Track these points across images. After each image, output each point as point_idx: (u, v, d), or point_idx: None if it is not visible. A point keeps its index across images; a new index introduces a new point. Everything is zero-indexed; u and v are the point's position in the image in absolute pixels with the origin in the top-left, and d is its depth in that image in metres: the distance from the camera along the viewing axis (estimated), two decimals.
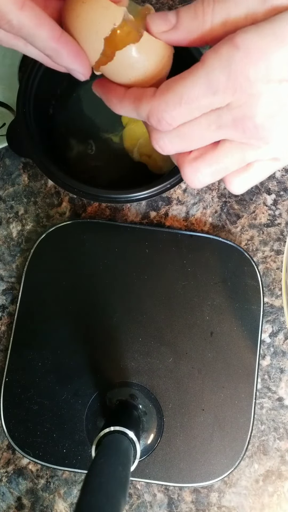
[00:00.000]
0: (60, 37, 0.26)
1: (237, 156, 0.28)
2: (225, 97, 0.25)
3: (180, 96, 0.25)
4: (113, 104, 0.29)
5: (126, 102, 0.28)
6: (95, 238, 0.43)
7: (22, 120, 0.39)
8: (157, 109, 0.26)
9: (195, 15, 0.26)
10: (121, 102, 0.28)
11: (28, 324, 0.42)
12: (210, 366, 0.41)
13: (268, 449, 0.42)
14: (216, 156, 0.28)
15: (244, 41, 0.24)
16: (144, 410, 0.41)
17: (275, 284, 0.44)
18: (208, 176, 0.29)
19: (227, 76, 0.24)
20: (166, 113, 0.26)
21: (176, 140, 0.28)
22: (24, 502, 0.42)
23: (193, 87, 0.25)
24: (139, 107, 0.27)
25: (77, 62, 0.27)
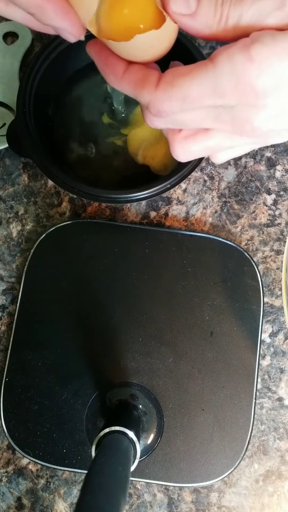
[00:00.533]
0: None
1: (227, 141, 0.29)
2: (229, 101, 0.25)
3: (184, 93, 0.25)
4: (110, 80, 0.28)
5: (126, 83, 0.27)
6: (95, 238, 0.43)
7: (22, 120, 0.39)
8: (159, 102, 0.26)
9: (215, 9, 0.25)
10: (119, 81, 0.27)
11: (28, 324, 0.42)
12: (210, 366, 0.41)
13: (268, 449, 0.42)
14: (206, 139, 0.29)
15: (259, 54, 0.23)
16: (144, 410, 0.41)
17: (275, 284, 0.44)
18: (195, 153, 0.30)
19: (236, 84, 0.24)
20: (167, 107, 0.26)
21: (170, 124, 0.28)
22: (24, 502, 0.42)
23: (199, 87, 0.25)
24: (140, 94, 0.26)
25: (64, 20, 0.25)
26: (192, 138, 0.29)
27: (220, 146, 0.29)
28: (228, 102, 0.25)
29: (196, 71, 0.25)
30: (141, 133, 0.42)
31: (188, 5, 0.26)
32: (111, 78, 0.27)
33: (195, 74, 0.25)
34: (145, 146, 0.42)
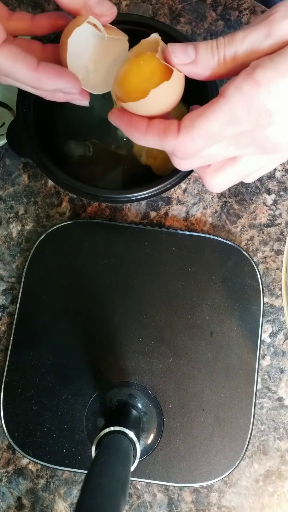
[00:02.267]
0: (37, 67, 0.29)
1: (256, 164, 0.31)
2: (247, 126, 0.27)
3: (205, 132, 0.27)
4: (135, 137, 0.30)
5: (150, 137, 0.29)
6: (95, 238, 0.43)
7: (22, 120, 0.39)
8: (184, 146, 0.28)
9: (212, 52, 0.28)
10: (144, 136, 0.30)
11: (28, 324, 0.42)
12: (210, 366, 0.41)
13: (268, 449, 0.42)
14: (235, 167, 0.31)
15: (264, 77, 0.26)
16: (144, 410, 0.41)
17: (275, 284, 0.44)
18: (228, 183, 0.32)
19: (249, 109, 0.26)
20: (191, 148, 0.28)
21: (198, 161, 0.30)
22: (24, 502, 0.42)
23: (217, 122, 0.27)
24: (164, 143, 0.29)
25: (60, 80, 0.30)
26: (222, 170, 0.31)
27: (249, 170, 0.31)
28: (246, 127, 0.27)
29: (210, 109, 0.27)
30: None
31: (188, 55, 0.29)
32: (135, 136, 0.30)
33: (210, 111, 0.27)
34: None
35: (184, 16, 0.47)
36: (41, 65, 0.29)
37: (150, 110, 0.30)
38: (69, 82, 0.30)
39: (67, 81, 0.30)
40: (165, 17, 0.47)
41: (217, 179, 0.31)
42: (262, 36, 0.27)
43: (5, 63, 0.28)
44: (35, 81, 0.30)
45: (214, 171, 0.31)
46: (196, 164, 0.31)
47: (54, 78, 0.30)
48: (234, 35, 0.27)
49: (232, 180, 0.32)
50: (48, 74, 0.29)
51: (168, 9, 0.47)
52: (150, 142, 0.30)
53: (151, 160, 0.43)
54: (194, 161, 0.30)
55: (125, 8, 0.47)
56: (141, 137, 0.30)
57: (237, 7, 0.47)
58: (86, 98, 0.34)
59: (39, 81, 0.30)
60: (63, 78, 0.30)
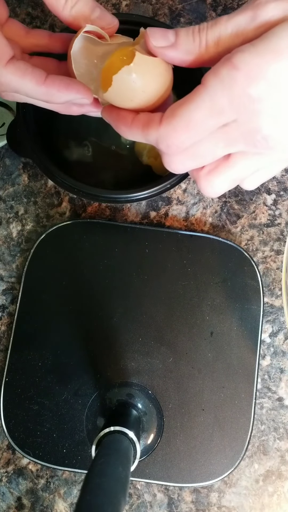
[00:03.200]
0: (45, 80, 0.29)
1: (250, 165, 0.29)
2: (230, 116, 0.26)
3: (186, 121, 0.26)
4: (122, 131, 0.30)
5: (135, 129, 0.29)
6: (95, 238, 0.43)
7: (22, 120, 0.39)
8: (166, 136, 0.27)
9: (192, 36, 0.27)
10: (130, 129, 0.29)
11: (28, 324, 0.42)
12: (210, 366, 0.41)
13: (268, 449, 0.42)
14: (229, 169, 0.29)
15: (242, 61, 0.24)
16: (144, 410, 0.41)
17: (275, 284, 0.44)
18: (223, 186, 0.30)
19: (230, 97, 0.25)
20: (174, 139, 0.27)
21: (188, 161, 0.29)
22: (24, 502, 0.42)
23: (197, 111, 0.26)
24: (147, 134, 0.28)
25: (70, 91, 0.29)
26: (215, 172, 0.30)
27: (245, 171, 0.30)
28: (229, 116, 0.26)
29: (190, 98, 0.26)
30: None
31: (167, 39, 0.28)
32: (122, 129, 0.30)
33: (190, 101, 0.26)
34: (150, 146, 0.42)
35: (184, 16, 0.47)
36: (50, 78, 0.29)
37: (125, 100, 0.29)
38: (80, 92, 0.30)
39: (78, 92, 0.30)
40: (165, 17, 0.47)
41: (211, 182, 0.30)
42: (247, 20, 0.26)
43: (13, 79, 0.28)
44: (45, 95, 0.29)
45: (207, 174, 0.30)
46: (187, 164, 0.29)
47: (63, 90, 0.29)
48: (218, 19, 0.26)
49: (226, 184, 0.30)
50: (57, 87, 0.29)
51: (168, 9, 0.47)
52: (135, 135, 0.29)
53: (151, 159, 0.43)
54: (184, 161, 0.29)
55: (125, 8, 0.47)
56: (127, 130, 0.30)
57: (237, 7, 0.47)
58: (100, 109, 0.33)
59: (49, 95, 0.29)
60: (73, 89, 0.29)
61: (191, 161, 0.29)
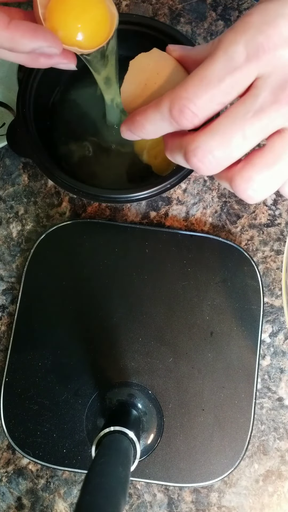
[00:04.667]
0: (9, 24, 0.26)
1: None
2: (250, 68, 0.23)
3: (199, 79, 0.23)
4: (140, 123, 0.27)
5: (149, 110, 0.26)
6: (95, 238, 0.43)
7: (22, 120, 0.39)
8: (178, 98, 0.24)
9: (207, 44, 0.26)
10: (144, 113, 0.26)
11: (28, 324, 0.42)
12: (210, 366, 0.41)
13: (268, 449, 0.42)
14: (266, 156, 0.24)
15: (255, 9, 0.23)
16: (144, 410, 0.41)
17: (275, 284, 0.44)
18: (263, 184, 0.24)
19: (245, 43, 0.22)
20: (187, 100, 0.24)
21: (214, 144, 0.24)
22: (24, 502, 0.42)
23: (212, 66, 0.23)
24: (160, 105, 0.25)
25: (36, 37, 0.26)
26: (250, 164, 0.25)
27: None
28: (249, 70, 0.23)
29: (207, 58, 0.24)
30: None
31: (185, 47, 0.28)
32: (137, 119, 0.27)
33: (206, 59, 0.24)
34: (150, 145, 0.42)
35: (184, 16, 0.47)
36: (14, 22, 0.26)
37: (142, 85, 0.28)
38: (47, 39, 0.27)
39: (45, 39, 0.27)
40: (165, 17, 0.47)
41: (250, 179, 0.24)
42: None
43: None
44: (9, 41, 0.26)
45: (242, 168, 0.25)
46: (214, 151, 0.24)
47: (29, 36, 0.26)
48: None
49: (269, 179, 0.24)
50: (22, 32, 0.26)
51: (168, 9, 0.47)
52: (150, 116, 0.26)
53: (152, 159, 0.43)
54: (209, 144, 0.24)
55: (125, 8, 0.47)
56: (143, 117, 0.26)
57: (237, 7, 0.47)
58: (71, 61, 0.30)
59: (13, 41, 0.26)
60: (39, 36, 0.26)
61: (219, 147, 0.24)
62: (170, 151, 0.27)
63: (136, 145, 0.43)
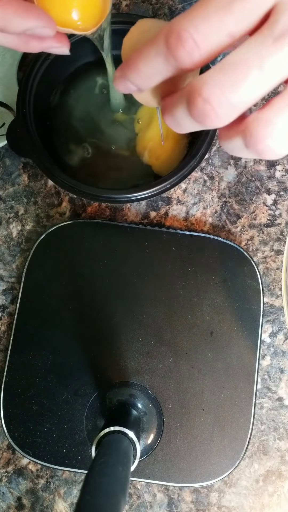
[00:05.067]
0: (0, 1, 0.24)
1: None
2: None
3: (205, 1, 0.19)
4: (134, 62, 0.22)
5: (146, 45, 0.22)
6: (95, 238, 0.43)
7: (22, 120, 0.39)
8: (176, 21, 0.20)
9: None
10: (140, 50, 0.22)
11: (28, 324, 0.42)
12: (210, 366, 0.41)
13: (268, 449, 0.42)
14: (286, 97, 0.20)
15: None
16: (144, 410, 0.41)
17: (275, 284, 0.44)
18: (286, 130, 0.20)
19: None
20: (189, 23, 0.19)
21: (225, 80, 0.19)
22: (24, 502, 0.42)
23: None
24: (157, 37, 0.21)
25: (29, 16, 0.25)
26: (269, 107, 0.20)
27: None
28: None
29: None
30: (149, 133, 0.43)
31: None
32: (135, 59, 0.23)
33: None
34: (151, 146, 0.42)
35: None
36: (6, 0, 0.24)
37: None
38: (41, 19, 0.25)
39: (38, 18, 0.25)
40: (165, 17, 0.47)
41: (269, 124, 0.19)
42: None
43: None
44: (1, 20, 0.24)
45: (261, 112, 0.20)
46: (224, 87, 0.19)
47: (22, 15, 0.24)
48: None
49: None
50: (14, 9, 0.24)
51: (168, 9, 0.47)
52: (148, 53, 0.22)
53: (153, 159, 0.43)
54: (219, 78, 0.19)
55: (125, 8, 0.47)
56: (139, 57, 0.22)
57: None
58: (64, 44, 0.28)
59: (5, 20, 0.24)
60: (32, 14, 0.25)
61: (232, 84, 0.19)
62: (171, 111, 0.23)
63: (138, 145, 0.43)
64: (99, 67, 0.44)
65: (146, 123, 0.43)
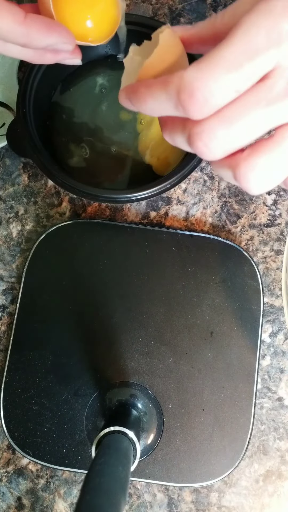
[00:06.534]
0: (25, 19, 0.24)
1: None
2: (270, 55, 0.21)
3: (216, 62, 0.21)
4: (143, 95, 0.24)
5: (155, 86, 0.24)
6: (95, 238, 0.43)
7: (22, 120, 0.39)
8: (189, 79, 0.22)
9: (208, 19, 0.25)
10: (149, 88, 0.24)
11: (28, 324, 0.42)
12: (210, 366, 0.41)
13: (268, 449, 0.42)
14: (274, 145, 0.23)
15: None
16: (144, 410, 0.41)
17: (275, 284, 0.44)
18: (268, 173, 0.23)
19: (268, 27, 0.21)
20: (201, 83, 0.21)
21: (220, 130, 0.23)
22: (24, 502, 0.42)
23: (229, 48, 0.21)
24: (168, 84, 0.23)
25: (52, 33, 0.25)
26: (258, 150, 0.23)
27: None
28: (269, 56, 0.21)
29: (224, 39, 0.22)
30: (151, 133, 0.43)
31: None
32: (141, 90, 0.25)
33: (223, 41, 0.22)
34: (152, 145, 0.42)
35: (184, 16, 0.47)
36: (30, 17, 0.24)
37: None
38: (63, 35, 0.26)
39: (61, 35, 0.25)
40: (165, 17, 0.47)
41: (255, 167, 0.23)
42: None
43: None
44: (24, 37, 0.24)
45: (248, 156, 0.23)
46: (220, 136, 0.23)
47: (45, 32, 0.25)
48: None
49: (275, 170, 0.23)
50: (38, 27, 0.24)
51: (168, 9, 0.47)
52: (154, 92, 0.23)
53: (154, 159, 0.43)
54: (216, 129, 0.22)
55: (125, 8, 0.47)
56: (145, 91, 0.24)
57: None
58: (77, 55, 0.29)
59: (29, 37, 0.24)
60: (55, 31, 0.25)
61: (225, 130, 0.22)
62: (170, 131, 0.25)
63: (140, 145, 0.43)
64: (99, 67, 0.44)
65: (148, 122, 0.43)
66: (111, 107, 0.44)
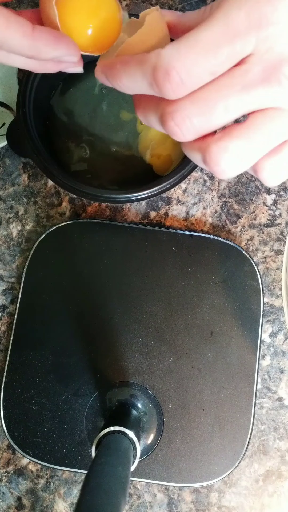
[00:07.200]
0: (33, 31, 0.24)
1: (273, 128, 0.23)
2: (249, 38, 0.21)
3: (195, 41, 0.21)
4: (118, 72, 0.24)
5: (132, 63, 0.23)
6: (95, 238, 0.43)
7: (22, 120, 0.39)
8: (166, 58, 0.21)
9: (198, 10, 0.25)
10: (126, 64, 0.24)
11: (28, 324, 0.42)
12: (210, 366, 0.41)
13: (268, 449, 0.42)
14: (246, 130, 0.23)
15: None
16: (144, 410, 0.41)
17: (275, 284, 0.44)
18: (238, 157, 0.23)
19: (249, 10, 0.21)
20: (178, 62, 0.21)
21: (194, 113, 0.22)
22: (24, 502, 0.42)
23: (210, 30, 0.21)
24: (144, 62, 0.22)
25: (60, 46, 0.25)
26: (228, 135, 0.23)
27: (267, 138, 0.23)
28: (247, 41, 0.21)
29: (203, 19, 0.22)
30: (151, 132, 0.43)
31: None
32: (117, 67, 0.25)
33: (203, 22, 0.22)
34: (153, 145, 0.42)
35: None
36: (37, 29, 0.24)
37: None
38: (70, 48, 0.25)
39: (68, 47, 0.25)
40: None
41: (224, 150, 0.23)
42: None
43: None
44: (32, 49, 0.24)
45: (219, 139, 0.23)
46: (193, 119, 0.23)
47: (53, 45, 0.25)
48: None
49: (243, 155, 0.23)
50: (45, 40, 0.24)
51: (168, 9, 0.47)
52: (131, 70, 0.23)
53: (154, 158, 0.43)
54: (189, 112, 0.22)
55: (125, 8, 0.47)
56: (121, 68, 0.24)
57: None
58: (80, 64, 0.29)
59: (36, 49, 0.24)
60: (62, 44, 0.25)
61: (197, 112, 0.22)
62: (143, 109, 0.25)
63: (140, 145, 0.43)
64: None
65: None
66: (111, 107, 0.44)
